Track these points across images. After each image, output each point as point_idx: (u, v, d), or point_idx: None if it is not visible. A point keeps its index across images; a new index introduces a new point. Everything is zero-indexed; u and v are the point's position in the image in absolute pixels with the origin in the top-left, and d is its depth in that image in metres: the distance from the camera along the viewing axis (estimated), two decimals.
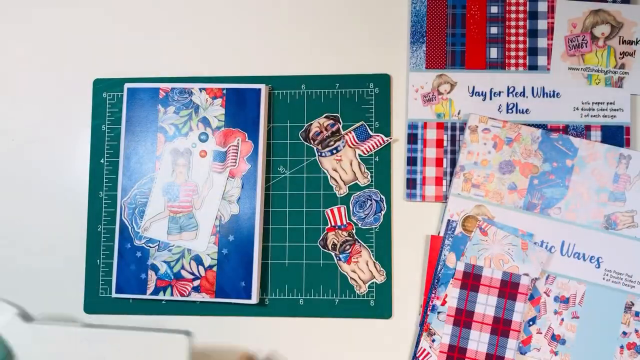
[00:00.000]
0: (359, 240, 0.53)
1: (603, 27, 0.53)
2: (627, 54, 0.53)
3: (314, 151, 0.54)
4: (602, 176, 0.51)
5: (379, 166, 0.53)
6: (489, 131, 0.52)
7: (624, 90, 0.53)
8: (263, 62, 0.55)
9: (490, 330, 0.50)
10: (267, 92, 0.54)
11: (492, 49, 0.54)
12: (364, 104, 0.54)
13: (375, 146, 0.53)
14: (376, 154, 0.53)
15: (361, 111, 0.54)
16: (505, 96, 0.53)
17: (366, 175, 0.53)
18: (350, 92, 0.54)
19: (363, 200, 0.53)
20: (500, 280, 0.50)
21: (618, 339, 0.50)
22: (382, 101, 0.54)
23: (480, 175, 0.52)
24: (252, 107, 0.53)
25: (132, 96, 0.54)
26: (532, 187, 0.52)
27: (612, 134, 0.52)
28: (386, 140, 0.53)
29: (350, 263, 0.53)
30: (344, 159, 0.54)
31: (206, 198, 0.53)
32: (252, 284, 0.52)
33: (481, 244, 0.51)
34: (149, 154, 0.54)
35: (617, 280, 0.50)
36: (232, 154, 0.53)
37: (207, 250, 0.52)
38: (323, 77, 0.54)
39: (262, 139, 0.53)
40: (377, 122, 0.54)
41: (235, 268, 0.52)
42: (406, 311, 0.52)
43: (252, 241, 0.52)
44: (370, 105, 0.54)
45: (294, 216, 0.53)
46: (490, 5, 0.54)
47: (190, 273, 0.52)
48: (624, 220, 0.51)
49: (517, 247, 0.51)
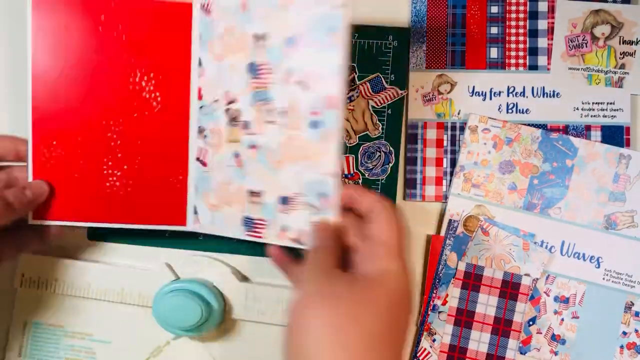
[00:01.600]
0: None
1: (603, 27, 0.53)
2: (627, 54, 0.53)
3: None
4: (602, 176, 0.51)
5: (391, 119, 0.53)
6: (489, 131, 0.52)
7: (624, 91, 0.53)
8: None
9: (491, 331, 0.50)
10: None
11: (492, 49, 0.54)
12: (381, 56, 0.54)
13: (388, 98, 0.53)
14: (389, 107, 0.53)
15: (378, 63, 0.54)
16: (505, 96, 0.53)
17: (377, 126, 0.53)
18: (368, 43, 0.54)
19: (372, 151, 0.52)
20: (502, 281, 0.50)
21: (618, 339, 0.50)
22: (399, 54, 0.54)
23: (480, 175, 0.52)
24: None
25: None
26: (532, 187, 0.52)
27: (612, 134, 0.52)
28: (401, 93, 0.53)
29: None
30: (356, 109, 0.53)
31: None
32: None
33: (482, 244, 0.51)
34: None
35: (617, 280, 0.50)
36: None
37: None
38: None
39: None
40: (393, 75, 0.53)
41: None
42: None
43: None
44: (388, 58, 0.53)
45: None
46: (490, 5, 0.54)
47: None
48: (624, 220, 0.51)
49: (519, 248, 0.51)
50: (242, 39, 0.44)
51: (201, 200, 0.48)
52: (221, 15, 0.45)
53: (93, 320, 0.52)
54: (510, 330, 0.50)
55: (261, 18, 0.43)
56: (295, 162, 0.43)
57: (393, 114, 0.53)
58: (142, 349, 0.52)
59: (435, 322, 0.51)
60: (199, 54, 0.47)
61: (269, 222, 0.45)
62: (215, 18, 0.45)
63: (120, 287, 0.52)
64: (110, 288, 0.52)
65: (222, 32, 0.45)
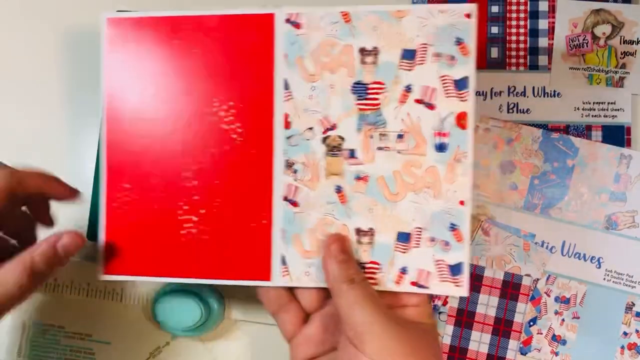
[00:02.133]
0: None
1: (604, 27, 0.53)
2: (628, 54, 0.53)
3: None
4: (602, 176, 0.51)
5: None
6: (489, 131, 0.52)
7: (625, 90, 0.53)
8: None
9: (492, 331, 0.50)
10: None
11: (492, 48, 0.54)
12: None
13: None
14: None
15: None
16: (506, 96, 0.53)
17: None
18: None
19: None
20: (502, 281, 0.50)
21: (619, 340, 0.50)
22: None
23: (481, 175, 0.52)
24: None
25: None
26: (532, 187, 0.51)
27: (613, 133, 0.52)
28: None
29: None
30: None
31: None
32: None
33: (483, 245, 0.51)
34: None
35: (617, 280, 0.50)
36: None
37: None
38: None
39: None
40: None
41: None
42: None
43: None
44: None
45: None
46: (490, 5, 0.54)
47: None
48: (625, 221, 0.51)
49: (519, 248, 0.51)
50: (345, 53, 0.39)
51: (292, 247, 0.40)
52: (315, 27, 0.39)
53: (92, 321, 0.52)
54: (510, 331, 0.50)
55: (370, 29, 0.39)
56: (416, 192, 0.39)
57: None
58: (142, 349, 0.52)
59: (437, 322, 0.51)
60: (285, 75, 0.40)
61: (383, 266, 0.39)
62: (306, 31, 0.40)
63: (119, 287, 0.52)
64: (110, 288, 0.52)
65: (316, 47, 0.40)
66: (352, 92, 0.39)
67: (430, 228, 0.39)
